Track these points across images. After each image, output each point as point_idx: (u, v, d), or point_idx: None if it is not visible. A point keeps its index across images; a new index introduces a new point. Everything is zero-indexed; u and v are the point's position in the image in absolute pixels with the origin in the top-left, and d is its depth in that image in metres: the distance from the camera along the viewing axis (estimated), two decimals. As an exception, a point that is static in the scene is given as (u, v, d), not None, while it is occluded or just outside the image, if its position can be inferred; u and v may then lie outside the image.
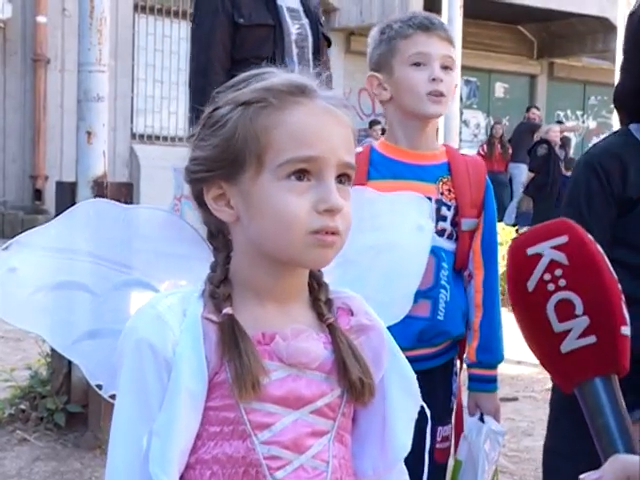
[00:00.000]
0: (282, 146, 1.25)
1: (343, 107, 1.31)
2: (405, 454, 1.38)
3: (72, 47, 10.49)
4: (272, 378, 1.26)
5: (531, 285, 0.87)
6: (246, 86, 1.31)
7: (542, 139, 13.37)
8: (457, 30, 6.60)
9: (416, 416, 1.39)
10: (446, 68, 2.30)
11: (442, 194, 2.30)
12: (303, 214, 1.24)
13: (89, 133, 3.95)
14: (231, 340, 1.25)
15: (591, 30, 16.57)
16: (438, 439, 2.30)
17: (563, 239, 0.88)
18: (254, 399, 1.24)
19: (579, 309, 0.84)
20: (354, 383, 1.29)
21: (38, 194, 11.91)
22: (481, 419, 2.33)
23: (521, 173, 14.16)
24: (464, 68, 7.93)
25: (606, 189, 2.04)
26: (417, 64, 2.29)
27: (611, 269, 0.90)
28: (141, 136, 12.90)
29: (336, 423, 1.30)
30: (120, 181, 6.84)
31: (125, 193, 4.01)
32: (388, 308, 1.52)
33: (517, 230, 9.02)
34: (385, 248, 1.58)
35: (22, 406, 4.18)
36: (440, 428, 2.31)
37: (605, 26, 15.62)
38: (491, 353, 2.33)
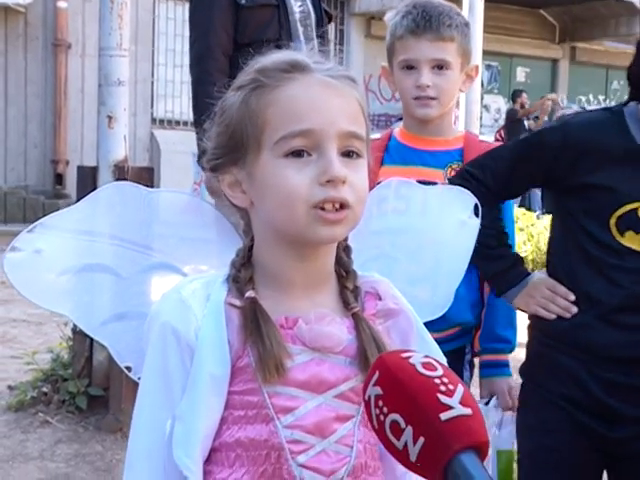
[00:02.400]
0: (277, 123, 1.24)
1: (344, 78, 1.29)
2: None
3: (93, 32, 10.50)
4: (295, 362, 1.25)
5: (374, 423, 1.02)
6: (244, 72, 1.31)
7: (554, 124, 13.25)
8: (478, 14, 6.56)
9: None
10: (441, 68, 2.30)
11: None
12: (304, 188, 1.22)
13: (110, 117, 3.97)
14: (253, 324, 1.25)
15: (614, 13, 16.39)
16: None
17: (376, 374, 1.02)
18: (277, 383, 1.24)
19: (402, 423, 0.97)
20: None
21: (59, 178, 11.97)
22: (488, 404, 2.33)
23: None
24: (485, 53, 7.88)
25: (555, 156, 2.02)
26: (408, 67, 2.32)
27: (420, 375, 0.99)
28: (161, 121, 12.92)
29: (361, 408, 1.28)
30: (141, 165, 6.86)
31: (146, 177, 4.02)
32: (427, 305, 1.50)
33: (538, 216, 8.89)
34: (426, 243, 1.55)
35: (44, 389, 4.21)
36: None
37: (629, 9, 15.46)
38: (496, 339, 2.34)
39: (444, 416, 0.96)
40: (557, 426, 2.02)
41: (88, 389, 4.10)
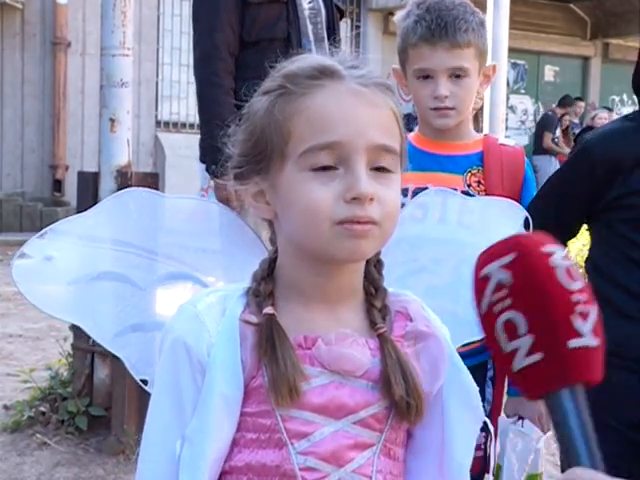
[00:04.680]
0: (302, 134, 1.24)
1: (375, 86, 1.28)
2: (464, 474, 1.35)
3: (94, 29, 10.56)
4: (312, 384, 1.25)
5: (483, 308, 0.94)
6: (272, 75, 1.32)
7: (588, 126, 13.20)
8: (504, 9, 6.56)
9: (477, 432, 1.37)
10: (458, 76, 2.31)
11: (469, 186, 2.33)
12: (328, 204, 1.21)
13: (112, 120, 3.99)
14: (269, 343, 1.25)
15: (650, 8, 16.36)
16: None
17: (510, 257, 0.93)
18: (292, 406, 1.24)
19: (523, 328, 0.91)
20: (397, 402, 1.27)
21: (58, 185, 12.02)
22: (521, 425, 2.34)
23: (542, 165, 13.58)
24: (511, 50, 7.88)
25: (589, 180, 2.16)
26: (424, 76, 2.33)
27: (564, 282, 0.92)
28: (166, 123, 12.97)
29: (383, 435, 1.28)
30: (145, 171, 6.88)
31: (150, 183, 4.04)
32: (469, 325, 1.49)
33: None
34: (470, 258, 1.54)
35: (42, 408, 4.23)
36: None
37: (665, 4, 15.42)
38: None
39: (572, 343, 0.91)
40: (610, 450, 2.02)
41: (89, 409, 4.11)
